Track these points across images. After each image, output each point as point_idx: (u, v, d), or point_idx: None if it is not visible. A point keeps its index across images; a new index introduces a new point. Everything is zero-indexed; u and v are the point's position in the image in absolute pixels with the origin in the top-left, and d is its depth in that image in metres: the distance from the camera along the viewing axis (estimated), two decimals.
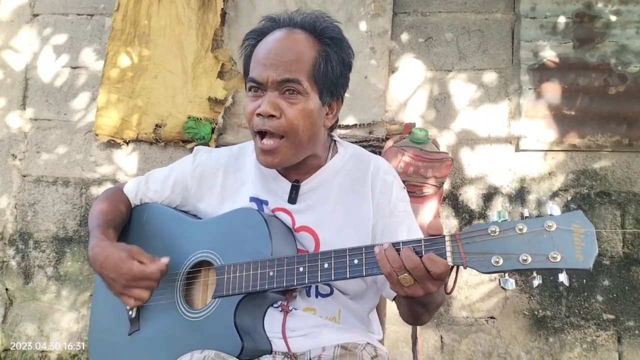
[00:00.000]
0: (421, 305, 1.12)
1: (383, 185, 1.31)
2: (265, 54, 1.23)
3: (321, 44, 1.26)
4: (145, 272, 1.22)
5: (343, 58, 1.29)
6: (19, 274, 3.02)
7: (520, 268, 0.91)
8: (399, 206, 1.31)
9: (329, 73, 1.25)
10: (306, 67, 1.22)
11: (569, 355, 2.68)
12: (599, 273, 2.70)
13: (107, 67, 2.96)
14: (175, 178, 1.44)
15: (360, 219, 1.28)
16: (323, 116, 1.28)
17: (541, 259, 0.90)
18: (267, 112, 1.20)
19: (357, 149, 1.41)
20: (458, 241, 0.97)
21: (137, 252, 1.25)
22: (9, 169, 3.09)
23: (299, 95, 1.21)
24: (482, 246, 0.94)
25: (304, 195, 1.31)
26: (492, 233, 0.94)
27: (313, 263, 1.12)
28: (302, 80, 1.21)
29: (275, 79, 1.20)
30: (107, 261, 1.24)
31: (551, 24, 2.80)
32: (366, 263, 1.06)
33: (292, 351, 1.21)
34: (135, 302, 1.24)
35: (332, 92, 1.28)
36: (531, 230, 0.92)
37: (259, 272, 1.17)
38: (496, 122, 2.83)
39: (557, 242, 0.90)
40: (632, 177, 2.74)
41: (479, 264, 0.94)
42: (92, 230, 1.35)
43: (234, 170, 1.40)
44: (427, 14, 2.92)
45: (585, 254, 0.88)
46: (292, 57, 1.22)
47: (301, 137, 1.23)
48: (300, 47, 1.24)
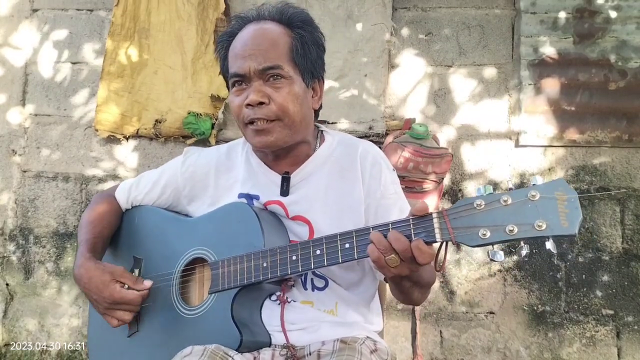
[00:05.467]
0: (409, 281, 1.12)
1: (372, 169, 1.32)
2: (242, 46, 1.25)
3: (293, 28, 1.28)
4: (125, 298, 1.25)
5: (316, 39, 1.31)
6: (19, 270, 3.03)
7: (508, 239, 0.92)
8: (389, 188, 1.32)
9: (307, 54, 1.28)
10: (284, 51, 1.25)
11: (568, 350, 2.69)
12: (598, 268, 2.71)
13: (107, 62, 2.95)
14: (167, 180, 1.45)
15: (353, 204, 1.29)
16: (309, 98, 1.31)
17: (527, 229, 0.91)
18: (256, 100, 1.21)
19: (344, 135, 1.42)
20: (445, 217, 0.97)
21: (121, 274, 1.28)
22: (9, 165, 3.09)
23: (283, 79, 1.24)
24: (468, 220, 0.95)
25: (295, 186, 1.32)
26: (477, 206, 0.95)
27: (305, 250, 1.13)
28: (283, 65, 1.23)
29: (257, 68, 1.22)
30: (90, 283, 1.27)
31: (551, 20, 2.79)
32: (357, 246, 1.06)
33: (291, 343, 1.22)
34: (118, 323, 1.28)
35: (312, 73, 1.30)
36: (515, 201, 0.93)
37: (252, 264, 1.18)
38: (496, 118, 2.83)
39: (541, 210, 0.91)
40: (632, 173, 2.74)
41: (467, 238, 0.95)
42: (80, 246, 1.37)
43: (226, 170, 1.40)
44: (427, 9, 2.91)
45: (569, 220, 0.89)
46: (268, 44, 1.24)
47: (294, 118, 1.25)
48: (274, 34, 1.26)
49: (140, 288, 1.27)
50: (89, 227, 1.42)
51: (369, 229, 1.06)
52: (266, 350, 1.22)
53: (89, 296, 1.29)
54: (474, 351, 2.73)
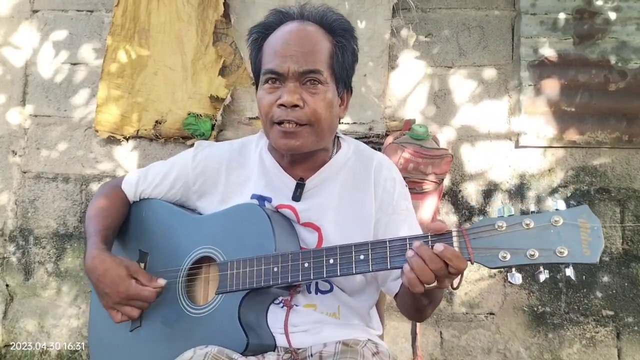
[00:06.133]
0: (427, 298, 1.12)
1: (386, 183, 1.31)
2: (283, 45, 1.22)
3: (334, 35, 1.26)
4: (140, 294, 1.24)
5: (354, 49, 1.30)
6: (19, 270, 3.02)
7: (528, 263, 0.92)
8: (401, 204, 1.31)
9: (345, 63, 1.26)
10: (325, 57, 1.23)
11: (568, 351, 2.68)
12: (598, 269, 2.71)
13: (107, 62, 2.95)
14: (177, 174, 1.42)
15: (364, 216, 1.28)
16: (338, 107, 1.29)
17: (548, 254, 0.91)
18: (292, 102, 1.19)
19: (360, 144, 1.41)
20: (465, 236, 0.97)
21: (136, 270, 1.26)
22: (9, 166, 3.09)
23: (320, 85, 1.22)
24: (489, 241, 0.95)
25: (308, 192, 1.30)
26: (499, 228, 0.94)
27: (318, 259, 1.12)
28: (323, 71, 1.22)
29: (297, 69, 1.20)
30: (105, 275, 1.24)
31: (551, 20, 2.79)
32: (372, 259, 1.06)
33: (294, 346, 1.21)
34: (122, 318, 1.26)
35: (345, 83, 1.29)
36: (538, 225, 0.92)
37: (263, 268, 1.17)
38: (496, 119, 2.83)
39: (563, 237, 0.90)
40: (632, 174, 2.74)
41: (486, 259, 0.95)
42: (91, 236, 1.34)
43: (238, 166, 1.38)
44: (427, 10, 2.91)
45: (592, 249, 0.89)
46: (311, 47, 1.22)
47: (323, 126, 1.23)
48: (317, 38, 1.24)
49: (155, 286, 1.25)
50: (99, 218, 1.38)
51: (385, 242, 1.05)
52: (271, 355, 1.21)
53: (100, 289, 1.26)
54: (474, 352, 2.73)
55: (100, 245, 1.30)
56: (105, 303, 1.27)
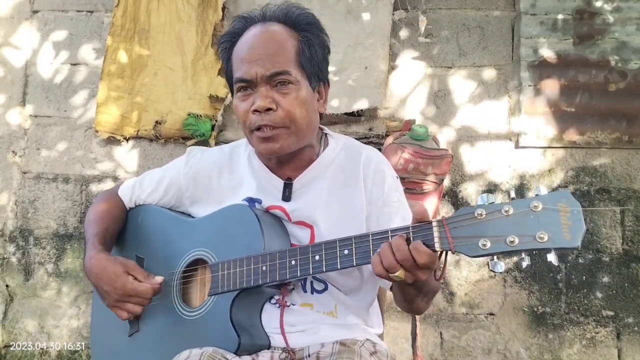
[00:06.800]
0: (414, 289, 1.11)
1: (375, 176, 1.30)
2: (248, 50, 1.23)
3: (299, 31, 1.26)
4: (137, 289, 1.25)
5: (322, 41, 1.29)
6: (19, 271, 3.02)
7: (508, 250, 0.90)
8: (392, 196, 1.30)
9: (314, 57, 1.25)
10: (291, 56, 1.22)
11: (568, 351, 2.68)
12: (598, 270, 2.71)
13: (107, 63, 2.95)
14: (170, 180, 1.44)
15: (354, 211, 1.28)
16: (315, 102, 1.29)
17: (528, 240, 0.89)
18: (264, 106, 1.19)
19: (348, 140, 1.41)
20: (445, 226, 0.96)
21: (133, 268, 1.28)
22: (9, 166, 3.09)
23: (290, 85, 1.21)
24: (469, 230, 0.94)
25: (298, 191, 1.31)
26: (478, 216, 0.93)
27: (304, 256, 1.12)
28: (291, 70, 1.21)
29: (264, 73, 1.20)
30: (102, 273, 1.27)
31: (551, 21, 2.79)
32: (356, 253, 1.06)
33: (291, 346, 1.21)
34: (127, 315, 1.28)
35: (318, 77, 1.28)
36: (517, 212, 0.91)
37: (252, 268, 1.18)
38: (496, 119, 2.83)
39: (543, 222, 0.89)
40: (632, 174, 2.74)
41: (467, 248, 0.93)
42: (90, 239, 1.37)
43: (229, 170, 1.39)
44: (427, 10, 2.91)
45: (572, 233, 0.87)
46: (275, 49, 1.21)
47: (301, 124, 1.23)
48: (281, 37, 1.23)
49: (152, 282, 1.27)
50: (98, 222, 1.42)
51: (368, 235, 1.05)
52: (265, 353, 1.21)
53: (100, 288, 1.28)
54: (474, 352, 2.73)
55: (98, 247, 1.33)
56: (107, 302, 1.29)
